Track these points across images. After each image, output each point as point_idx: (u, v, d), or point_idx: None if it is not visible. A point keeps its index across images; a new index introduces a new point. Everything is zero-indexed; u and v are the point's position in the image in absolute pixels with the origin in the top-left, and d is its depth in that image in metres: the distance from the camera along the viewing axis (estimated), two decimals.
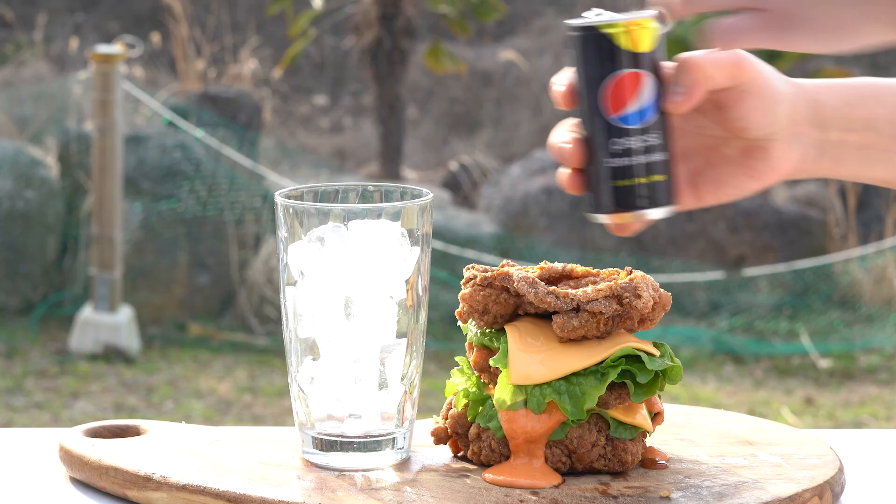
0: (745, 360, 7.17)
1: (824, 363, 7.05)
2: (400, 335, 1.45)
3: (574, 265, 1.48)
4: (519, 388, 1.42)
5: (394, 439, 1.47)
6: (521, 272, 1.44)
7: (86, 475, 1.45)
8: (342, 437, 1.45)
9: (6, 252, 7.37)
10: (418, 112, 12.11)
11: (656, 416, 1.49)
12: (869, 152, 1.40)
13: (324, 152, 11.08)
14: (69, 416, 5.79)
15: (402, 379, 1.46)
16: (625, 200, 1.33)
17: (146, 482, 1.41)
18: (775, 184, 1.49)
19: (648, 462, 1.47)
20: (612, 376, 1.41)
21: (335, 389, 1.45)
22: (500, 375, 1.43)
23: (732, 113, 1.36)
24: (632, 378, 1.42)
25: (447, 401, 1.51)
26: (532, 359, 1.42)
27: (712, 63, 1.34)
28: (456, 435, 1.48)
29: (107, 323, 6.71)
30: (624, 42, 1.31)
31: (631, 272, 1.45)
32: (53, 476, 1.49)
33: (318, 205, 1.45)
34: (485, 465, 1.45)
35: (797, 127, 1.38)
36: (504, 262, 1.48)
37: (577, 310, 1.41)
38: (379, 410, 1.45)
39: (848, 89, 1.40)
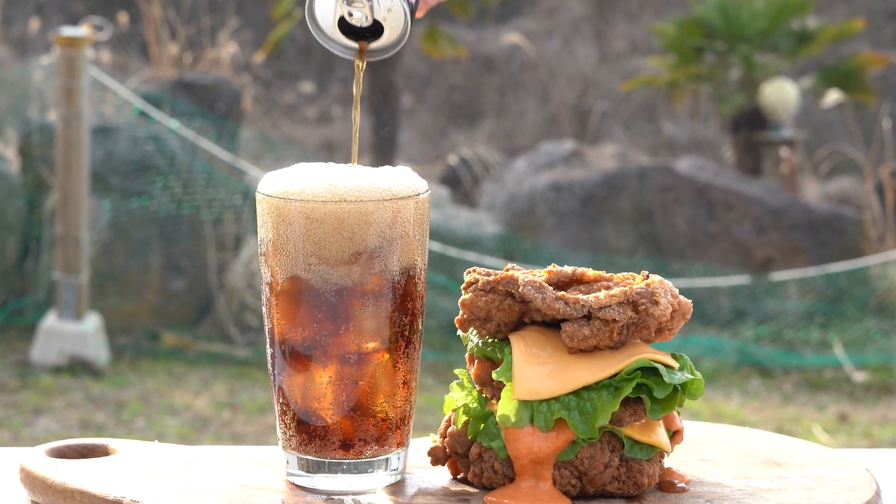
0: (773, 372, 7.17)
1: (860, 376, 7.05)
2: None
3: (585, 269, 1.48)
4: (524, 403, 1.42)
5: (387, 460, 1.47)
6: (527, 276, 1.44)
7: (49, 499, 1.45)
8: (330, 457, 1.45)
9: None
10: (414, 100, 12.11)
11: (675, 435, 1.49)
12: None
13: (310, 144, 11.09)
14: (31, 435, 5.79)
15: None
16: None
17: None
18: None
19: (666, 485, 1.47)
20: (627, 391, 1.41)
21: None
22: (503, 390, 1.43)
23: None
24: (648, 393, 1.42)
25: (446, 418, 1.51)
26: (539, 371, 1.42)
27: None
28: (455, 455, 1.48)
29: (72, 332, 6.71)
30: None
31: (647, 276, 1.45)
32: (14, 500, 1.48)
33: None
34: (487, 489, 1.45)
35: None
36: (508, 265, 1.48)
37: (588, 317, 1.41)
38: None
39: None
